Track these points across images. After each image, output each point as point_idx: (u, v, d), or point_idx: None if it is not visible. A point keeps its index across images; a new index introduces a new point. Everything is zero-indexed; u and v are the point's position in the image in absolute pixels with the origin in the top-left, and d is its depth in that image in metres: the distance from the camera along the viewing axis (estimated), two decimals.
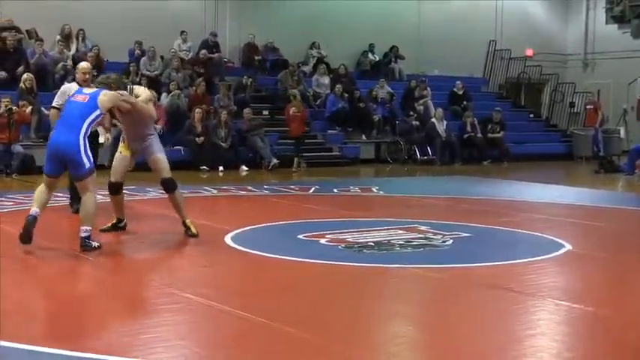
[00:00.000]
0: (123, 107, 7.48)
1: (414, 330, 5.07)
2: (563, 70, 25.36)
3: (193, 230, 7.80)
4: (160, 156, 7.89)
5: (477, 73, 24.21)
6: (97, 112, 7.17)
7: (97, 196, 7.34)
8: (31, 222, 7.01)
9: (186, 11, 20.16)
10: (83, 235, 7.03)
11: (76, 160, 7.03)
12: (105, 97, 7.22)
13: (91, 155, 7.14)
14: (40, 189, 7.25)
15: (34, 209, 7.10)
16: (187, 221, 7.86)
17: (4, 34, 17.01)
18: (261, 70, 20.50)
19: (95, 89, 7.43)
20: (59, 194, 9.55)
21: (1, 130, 14.42)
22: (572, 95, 24.50)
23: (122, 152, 8.02)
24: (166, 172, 7.86)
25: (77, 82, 9.62)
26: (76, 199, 9.72)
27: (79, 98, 7.29)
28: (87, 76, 9.50)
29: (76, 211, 9.51)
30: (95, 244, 7.07)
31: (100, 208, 7.36)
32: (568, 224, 9.61)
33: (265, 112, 18.92)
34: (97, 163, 7.59)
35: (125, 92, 7.52)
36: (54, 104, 9.71)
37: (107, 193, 8.26)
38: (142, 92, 7.91)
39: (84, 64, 9.83)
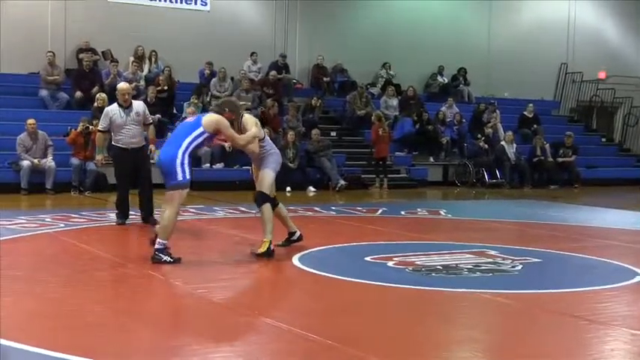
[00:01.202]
0: (225, 134, 7.55)
1: (482, 356, 4.98)
2: (637, 94, 24.80)
3: (262, 249, 7.71)
4: (266, 170, 7.94)
5: (547, 96, 23.89)
6: (200, 130, 7.38)
7: (178, 212, 7.47)
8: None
9: (256, 32, 20.40)
10: (156, 247, 7.24)
11: (170, 170, 7.28)
12: (209, 118, 7.48)
13: (187, 171, 7.30)
14: None
15: None
16: (265, 239, 7.76)
17: (81, 55, 17.49)
18: (329, 91, 20.61)
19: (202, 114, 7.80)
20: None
21: (78, 148, 14.77)
22: None
23: (253, 168, 8.33)
24: (263, 187, 7.88)
25: (118, 104, 9.89)
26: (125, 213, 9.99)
27: (189, 119, 7.70)
28: (126, 96, 9.86)
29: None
30: (166, 258, 7.23)
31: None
32: None
33: (333, 134, 18.98)
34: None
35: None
36: (99, 128, 10.03)
37: None
38: (251, 126, 7.78)
39: (123, 85, 10.22)
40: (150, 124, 10.27)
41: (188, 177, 7.33)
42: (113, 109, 9.97)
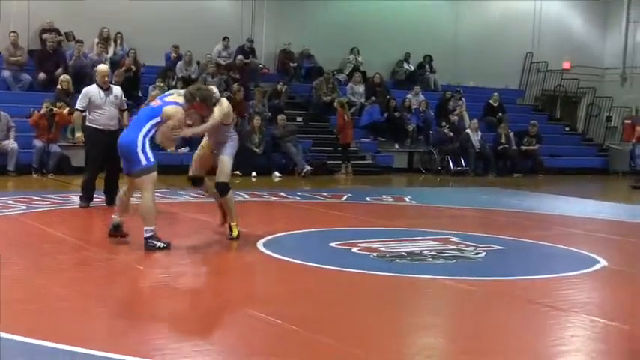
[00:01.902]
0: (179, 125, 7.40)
1: (445, 342, 5.02)
2: (600, 84, 25.08)
3: (234, 233, 7.85)
4: (225, 158, 7.85)
5: (512, 85, 24.05)
6: (158, 120, 7.28)
7: (154, 195, 7.37)
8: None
9: (222, 16, 20.27)
10: (145, 235, 7.20)
11: (131, 157, 7.20)
12: (169, 110, 7.32)
13: (151, 155, 7.21)
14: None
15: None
16: (232, 224, 7.91)
17: (45, 36, 17.25)
18: (295, 76, 20.56)
19: (172, 99, 7.48)
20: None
21: (41, 130, 14.59)
22: (609, 109, 24.26)
23: (203, 147, 8.14)
24: (223, 176, 7.84)
25: (97, 85, 9.90)
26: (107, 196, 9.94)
27: (154, 103, 7.53)
28: (106, 78, 9.94)
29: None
30: (159, 243, 7.20)
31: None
32: (603, 239, 9.50)
33: (299, 119, 18.95)
34: None
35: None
36: (77, 106, 10.04)
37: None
38: (218, 112, 7.60)
39: (103, 67, 10.30)
40: (125, 109, 10.30)
41: (152, 160, 7.23)
42: (92, 89, 9.97)
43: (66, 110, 15.18)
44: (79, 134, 10.34)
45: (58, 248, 7.34)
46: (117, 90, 10.17)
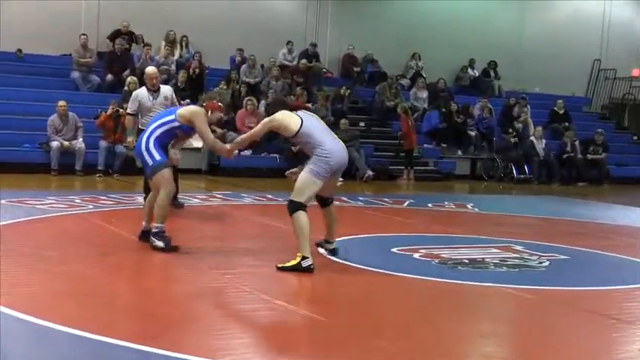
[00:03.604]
0: (197, 127, 7.25)
1: (506, 351, 4.96)
2: None
3: (284, 264, 6.77)
4: (301, 174, 6.96)
5: (579, 93, 23.68)
6: (171, 118, 7.28)
7: (170, 194, 7.35)
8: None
9: (287, 20, 20.40)
10: (153, 230, 7.27)
11: (141, 159, 7.32)
12: (185, 109, 7.41)
13: (156, 153, 7.18)
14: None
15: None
16: (298, 253, 6.77)
17: (118, 40, 17.49)
18: (359, 81, 20.56)
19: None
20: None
21: (107, 131, 14.86)
22: None
23: None
24: (294, 193, 6.90)
25: (146, 87, 9.95)
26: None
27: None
28: (154, 80, 9.89)
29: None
30: (158, 243, 7.17)
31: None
32: None
33: (362, 124, 18.95)
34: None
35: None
36: (129, 111, 10.11)
37: None
38: (268, 123, 7.06)
39: (150, 70, 10.26)
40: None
41: (159, 158, 7.16)
42: (141, 92, 10.01)
43: None
44: (130, 138, 10.32)
45: (122, 247, 7.46)
46: (166, 90, 10.03)
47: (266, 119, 7.06)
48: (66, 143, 14.50)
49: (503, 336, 5.29)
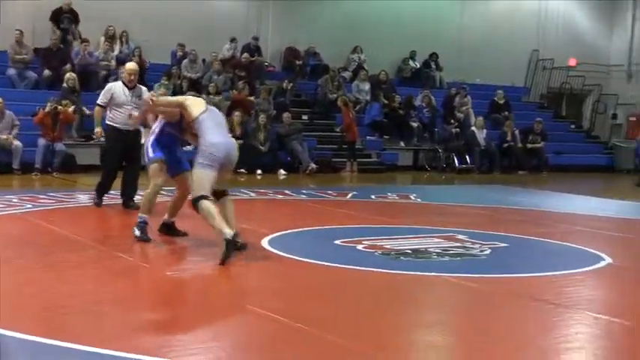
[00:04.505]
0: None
1: (450, 339, 5.03)
2: (606, 81, 25.05)
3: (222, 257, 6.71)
4: (193, 171, 7.19)
5: (518, 83, 24.03)
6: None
7: (156, 188, 7.57)
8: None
9: (228, 14, 20.29)
10: (138, 220, 7.51)
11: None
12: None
13: (151, 150, 7.52)
14: None
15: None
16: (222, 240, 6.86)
17: (54, 38, 17.18)
18: (301, 74, 20.56)
19: None
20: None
21: (46, 129, 14.62)
22: (615, 107, 24.23)
23: None
24: (193, 191, 7.15)
25: (123, 82, 9.76)
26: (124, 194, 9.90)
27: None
28: (132, 77, 9.64)
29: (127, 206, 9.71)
30: (137, 232, 7.47)
31: None
32: (608, 237, 9.49)
33: (305, 117, 18.97)
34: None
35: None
36: (99, 102, 9.85)
37: None
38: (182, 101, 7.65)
39: (131, 65, 9.99)
40: None
41: (152, 154, 7.52)
42: (117, 86, 9.76)
43: (71, 108, 15.22)
44: (98, 129, 10.03)
45: (63, 246, 7.35)
46: (142, 90, 9.80)
47: (180, 97, 7.72)
48: (3, 137, 14.18)
49: (446, 324, 5.36)
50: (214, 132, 7.09)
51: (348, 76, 20.92)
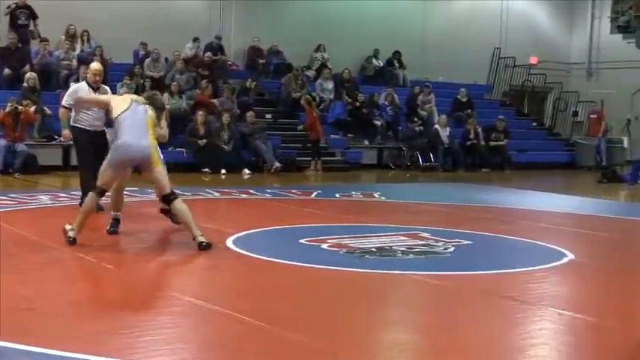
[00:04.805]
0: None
1: (415, 336, 5.05)
2: (567, 79, 25.32)
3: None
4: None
5: (480, 80, 24.19)
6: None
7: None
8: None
9: (191, 13, 20.15)
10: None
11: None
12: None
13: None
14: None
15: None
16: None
17: (11, 34, 16.94)
18: (264, 73, 20.51)
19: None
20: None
21: (7, 129, 14.41)
22: (575, 104, 24.49)
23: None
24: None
25: (87, 83, 9.64)
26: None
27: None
28: (97, 77, 9.53)
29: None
30: (111, 229, 7.80)
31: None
32: (570, 233, 9.59)
33: (268, 116, 18.92)
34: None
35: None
36: (64, 103, 9.71)
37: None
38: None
39: (96, 65, 9.86)
40: None
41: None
42: (82, 86, 9.63)
43: (32, 108, 15.03)
44: (65, 131, 9.86)
45: (25, 248, 7.26)
46: (107, 90, 9.73)
47: (107, 96, 8.39)
48: None
49: (411, 322, 5.38)
50: (128, 132, 7.32)
51: (311, 74, 20.91)
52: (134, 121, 7.37)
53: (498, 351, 4.67)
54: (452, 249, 7.79)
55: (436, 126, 19.56)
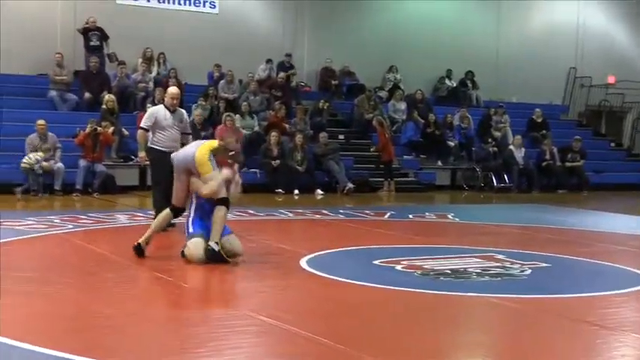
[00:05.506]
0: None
1: None
2: None
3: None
4: None
5: (556, 101, 23.84)
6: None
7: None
8: None
9: (264, 35, 20.40)
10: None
11: None
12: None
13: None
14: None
15: None
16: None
17: (93, 57, 17.37)
18: (337, 94, 20.60)
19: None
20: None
21: (86, 150, 14.79)
22: None
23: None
24: None
25: (165, 106, 9.87)
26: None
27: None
28: (174, 101, 9.77)
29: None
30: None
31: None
32: None
33: (341, 137, 18.97)
34: None
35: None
36: (143, 125, 9.94)
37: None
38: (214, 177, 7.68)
39: (174, 90, 10.09)
40: (189, 133, 10.11)
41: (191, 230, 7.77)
42: (159, 109, 9.88)
43: (110, 130, 15.40)
44: (142, 153, 10.09)
45: (103, 267, 7.41)
46: (183, 113, 9.98)
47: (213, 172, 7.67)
48: (45, 163, 14.37)
49: (488, 346, 5.29)
50: None
51: (384, 95, 20.92)
52: None
53: None
54: (528, 271, 7.65)
55: (511, 147, 19.32)
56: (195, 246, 7.47)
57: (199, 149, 7.63)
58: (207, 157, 7.56)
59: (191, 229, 7.58)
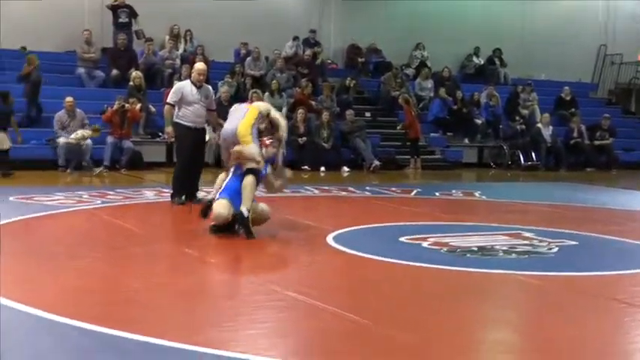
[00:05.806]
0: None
1: (518, 338, 4.94)
2: None
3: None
4: None
5: (585, 78, 23.58)
6: None
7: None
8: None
9: (290, 12, 20.35)
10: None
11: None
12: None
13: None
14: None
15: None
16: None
17: (121, 33, 17.41)
18: (364, 71, 20.52)
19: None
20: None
21: (114, 126, 14.87)
22: None
23: None
24: None
25: (192, 82, 9.90)
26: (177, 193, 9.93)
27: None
28: (201, 76, 9.81)
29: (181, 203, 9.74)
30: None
31: None
32: None
33: (367, 114, 18.93)
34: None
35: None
36: (169, 100, 9.99)
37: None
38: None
39: (201, 66, 10.11)
40: (214, 110, 10.17)
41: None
42: (186, 85, 9.93)
43: (138, 106, 15.46)
44: (169, 129, 10.06)
45: (131, 241, 7.47)
46: (209, 89, 10.04)
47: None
48: (77, 135, 14.40)
49: (514, 323, 5.27)
50: None
51: (410, 73, 20.81)
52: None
53: (606, 355, 4.52)
54: (556, 249, 7.60)
55: (538, 124, 19.16)
56: (220, 205, 7.52)
57: (242, 124, 7.79)
58: (249, 130, 7.78)
59: (217, 196, 7.65)
